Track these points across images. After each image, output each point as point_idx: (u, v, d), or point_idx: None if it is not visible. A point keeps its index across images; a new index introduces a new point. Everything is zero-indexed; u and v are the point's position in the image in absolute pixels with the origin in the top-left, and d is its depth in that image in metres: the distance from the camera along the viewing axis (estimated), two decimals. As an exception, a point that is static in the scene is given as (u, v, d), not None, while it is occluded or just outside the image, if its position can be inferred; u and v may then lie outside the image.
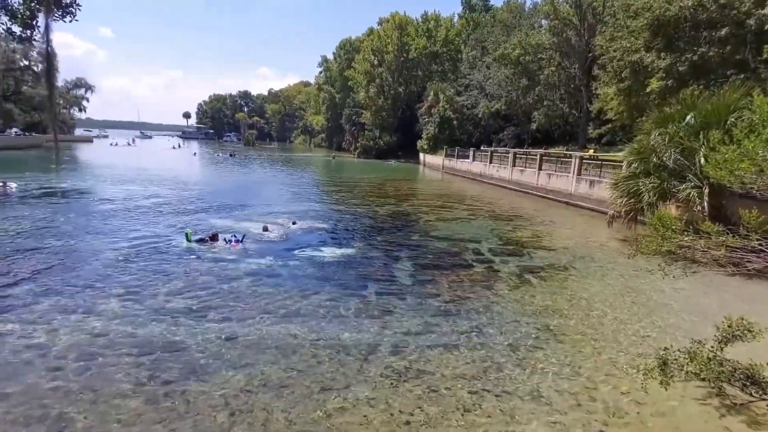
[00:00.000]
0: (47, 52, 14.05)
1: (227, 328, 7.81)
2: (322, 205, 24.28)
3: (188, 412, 5.53)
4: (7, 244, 12.82)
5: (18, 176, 26.99)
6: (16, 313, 8.09)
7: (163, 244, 13.33)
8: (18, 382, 5.97)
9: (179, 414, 5.48)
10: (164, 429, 5.21)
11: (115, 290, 9.44)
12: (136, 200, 21.66)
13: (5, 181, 23.25)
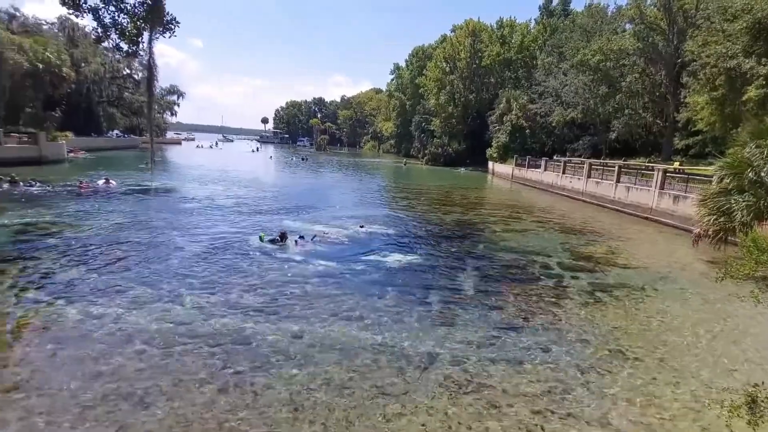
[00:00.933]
0: (149, 64, 15.55)
1: (294, 326, 8.14)
2: (388, 210, 24.52)
3: (255, 403, 5.84)
4: (108, 235, 14.30)
5: (118, 174, 30.03)
6: (112, 299, 8.97)
7: (239, 242, 14.15)
8: (109, 362, 6.62)
9: (247, 404, 5.80)
10: (234, 417, 5.53)
11: (195, 283, 10.18)
12: (217, 199, 23.21)
13: (108, 177, 26.01)
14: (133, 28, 13.52)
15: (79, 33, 58.83)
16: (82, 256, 11.80)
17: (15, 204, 18.34)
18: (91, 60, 60.88)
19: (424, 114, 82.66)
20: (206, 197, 23.82)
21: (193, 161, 53.84)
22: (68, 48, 54.32)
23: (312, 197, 27.34)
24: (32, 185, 22.37)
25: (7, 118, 41.78)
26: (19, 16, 51.96)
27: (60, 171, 31.68)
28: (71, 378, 6.15)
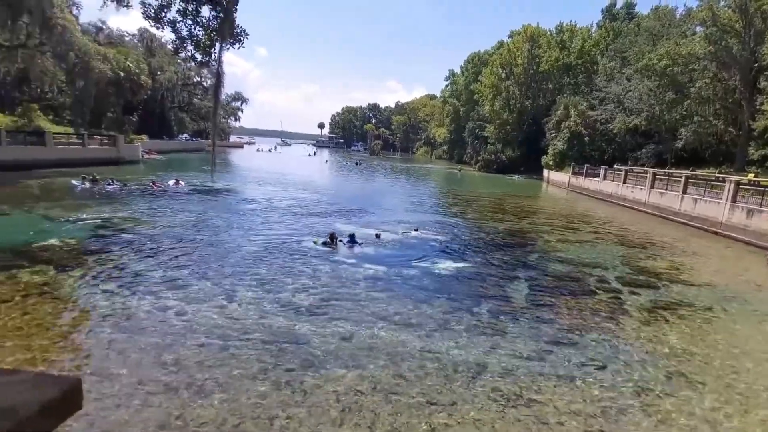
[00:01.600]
0: (217, 72, 16.50)
1: (343, 328, 8.24)
2: (439, 216, 24.33)
3: (305, 401, 5.96)
4: (175, 232, 15.19)
5: (184, 175, 31.88)
6: (176, 293, 9.51)
7: (294, 244, 14.55)
8: (172, 352, 7.00)
9: (297, 402, 5.93)
10: (284, 413, 5.67)
11: (251, 281, 10.57)
12: (274, 201, 24.04)
13: (177, 178, 27.71)
14: (207, 39, 14.35)
15: (156, 44, 63.22)
16: (151, 251, 12.60)
17: (95, 201, 19.93)
18: (166, 68, 65.19)
19: (478, 120, 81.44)
20: (264, 199, 24.73)
21: (253, 164, 56.16)
22: (146, 57, 58.50)
23: (364, 201, 27.65)
24: (110, 184, 24.19)
25: (91, 122, 45.61)
26: (105, 28, 56.71)
27: (135, 171, 34.09)
28: (138, 365, 6.57)
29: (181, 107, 75.02)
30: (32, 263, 10.69)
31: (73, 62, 37.10)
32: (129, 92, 50.16)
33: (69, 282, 9.78)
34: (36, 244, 12.32)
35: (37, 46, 33.78)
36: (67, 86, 41.58)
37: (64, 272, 10.34)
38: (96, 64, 39.14)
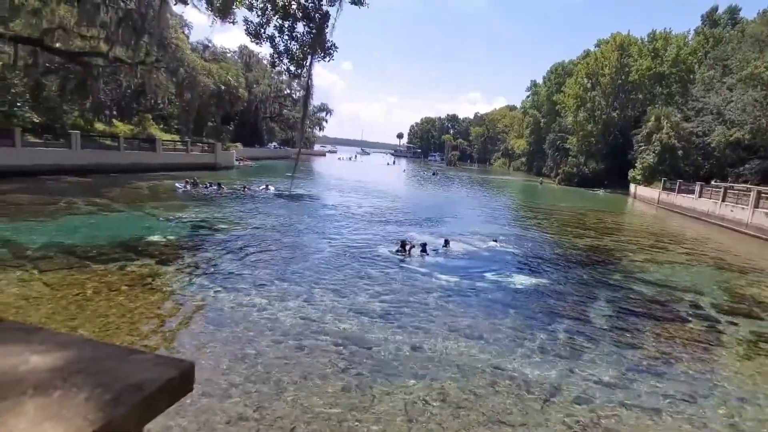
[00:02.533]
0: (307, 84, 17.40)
1: (414, 337, 8.12)
2: (515, 229, 23.39)
3: (373, 407, 5.91)
4: (261, 234, 16.08)
5: (272, 180, 33.80)
6: (259, 291, 9.98)
7: (368, 250, 14.73)
8: (253, 347, 7.31)
9: (365, 407, 5.90)
10: (352, 417, 5.66)
11: (327, 284, 10.83)
12: (352, 208, 24.62)
13: (268, 184, 29.53)
14: (300, 53, 15.12)
15: (253, 59, 68.18)
16: (239, 250, 13.42)
17: (194, 202, 21.76)
18: (260, 82, 69.94)
19: (560, 132, 77.59)
20: (343, 205, 25.43)
21: (334, 172, 58.15)
22: (244, 72, 63.20)
23: (438, 210, 27.37)
24: (207, 187, 26.30)
25: (194, 130, 50.05)
26: (210, 46, 62.19)
27: (229, 176, 36.77)
28: (222, 355, 6.94)
29: (271, 117, 79.96)
30: (138, 257, 11.84)
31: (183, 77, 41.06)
32: (228, 104, 54.44)
33: (168, 275, 10.70)
34: (143, 240, 13.64)
35: (154, 63, 37.80)
36: (176, 98, 46.07)
37: (165, 266, 11.32)
38: (201, 79, 43.00)
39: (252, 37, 15.64)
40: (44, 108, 31.25)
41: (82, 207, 18.29)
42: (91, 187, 23.67)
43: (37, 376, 0.68)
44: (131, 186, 25.61)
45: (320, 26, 14.98)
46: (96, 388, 0.62)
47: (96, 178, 26.67)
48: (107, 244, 12.79)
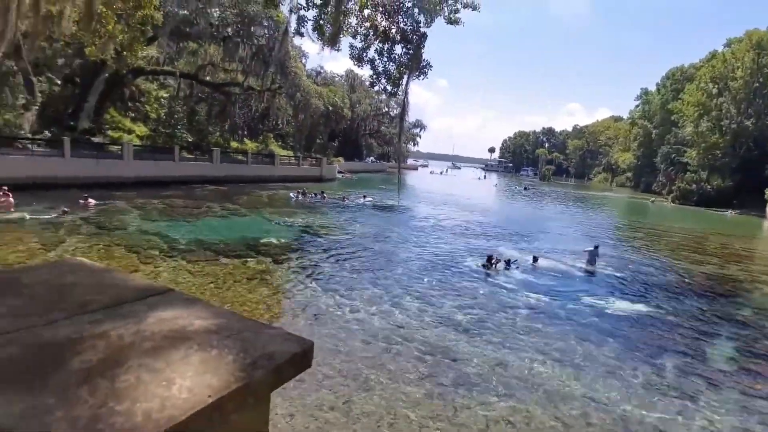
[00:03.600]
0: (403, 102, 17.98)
1: (499, 354, 7.91)
2: (615, 250, 21.20)
3: (454, 418, 5.89)
4: (357, 241, 16.83)
5: (368, 191, 35.11)
6: (353, 294, 10.47)
7: (456, 262, 14.63)
8: (346, 344, 7.72)
9: (446, 417, 5.90)
10: (432, 425, 5.71)
11: (415, 292, 10.99)
12: (443, 220, 24.60)
13: (365, 195, 30.84)
14: (397, 73, 15.74)
15: (357, 81, 71.75)
16: (337, 255, 14.22)
17: (302, 210, 23.49)
18: (362, 102, 73.31)
19: (675, 144, 68.15)
20: (434, 217, 25.53)
21: (426, 185, 58.49)
22: (349, 93, 66.83)
23: (529, 226, 26.11)
24: (313, 197, 28.19)
25: (305, 146, 54.06)
26: (322, 72, 66.97)
27: (332, 187, 38.97)
28: (319, 349, 7.41)
29: (370, 134, 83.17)
30: (257, 255, 13.16)
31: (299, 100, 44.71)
32: (334, 122, 57.97)
33: (279, 272, 11.76)
34: (261, 240, 15.10)
35: (277, 89, 41.82)
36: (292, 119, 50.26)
37: (277, 264, 12.45)
38: (313, 101, 46.43)
39: (355, 61, 16.60)
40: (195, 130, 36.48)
41: (218, 210, 20.83)
42: (225, 194, 26.79)
43: (199, 336, 0.93)
44: (254, 194, 28.42)
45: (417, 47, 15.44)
46: (240, 353, 0.86)
47: (229, 187, 30.14)
48: (234, 242, 14.42)
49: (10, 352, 0.80)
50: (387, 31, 14.35)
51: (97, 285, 1.22)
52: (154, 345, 0.87)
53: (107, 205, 18.53)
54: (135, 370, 0.77)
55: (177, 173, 28.55)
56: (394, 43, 14.92)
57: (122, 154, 26.10)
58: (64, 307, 1.05)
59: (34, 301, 1.07)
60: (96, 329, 0.92)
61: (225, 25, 33.50)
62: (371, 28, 14.35)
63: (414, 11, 13.94)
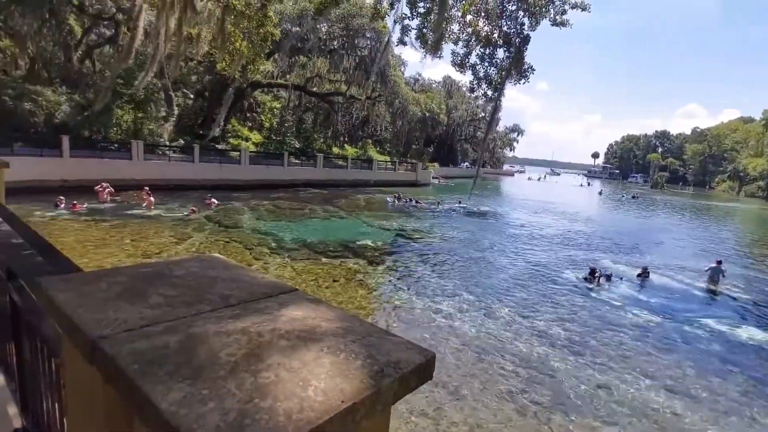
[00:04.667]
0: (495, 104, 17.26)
1: (601, 375, 7.18)
2: (745, 269, 18.11)
3: (550, 438, 5.49)
4: (450, 246, 16.59)
5: (464, 197, 34.45)
6: (445, 299, 10.31)
7: (554, 273, 13.65)
8: (438, 350, 7.55)
9: (541, 436, 5.52)
10: (526, 442, 5.38)
11: (509, 302, 10.48)
12: (540, 228, 23.17)
13: (461, 200, 30.42)
14: (498, 77, 15.21)
15: (454, 87, 71.15)
16: (430, 260, 14.14)
17: (397, 214, 23.85)
18: (459, 107, 72.43)
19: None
20: (530, 225, 24.18)
21: (522, 191, 55.69)
22: (446, 99, 66.52)
23: (638, 238, 23.31)
24: (407, 202, 28.46)
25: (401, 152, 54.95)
26: (420, 79, 67.64)
27: (426, 192, 39.04)
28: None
29: (466, 139, 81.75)
30: (354, 256, 13.64)
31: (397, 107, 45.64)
32: (430, 128, 58.06)
33: (375, 274, 12.03)
34: (357, 242, 15.64)
35: (377, 98, 43.21)
36: (390, 125, 51.45)
37: (372, 266, 12.76)
38: (411, 108, 47.00)
39: (457, 67, 16.37)
40: (302, 137, 39.31)
41: (320, 212, 22.09)
42: (326, 197, 28.35)
43: (328, 338, 0.93)
44: (353, 198, 29.62)
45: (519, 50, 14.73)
46: (367, 358, 0.84)
47: (330, 190, 31.85)
48: (333, 243, 15.14)
49: (166, 340, 0.87)
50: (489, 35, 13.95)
51: (233, 280, 1.30)
52: (289, 344, 0.89)
53: (226, 205, 20.68)
54: (275, 368, 0.79)
55: (285, 177, 30.92)
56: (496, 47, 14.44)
57: (240, 159, 29.01)
58: (209, 299, 1.13)
59: (184, 292, 1.16)
60: (238, 324, 0.97)
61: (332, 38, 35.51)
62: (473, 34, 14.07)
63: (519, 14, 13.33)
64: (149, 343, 0.86)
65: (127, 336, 0.89)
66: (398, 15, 16.23)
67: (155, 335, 0.89)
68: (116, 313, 0.99)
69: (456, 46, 16.18)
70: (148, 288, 1.14)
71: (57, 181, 19.52)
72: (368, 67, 35.49)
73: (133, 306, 1.03)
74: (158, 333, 0.90)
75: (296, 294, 1.24)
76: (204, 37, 18.62)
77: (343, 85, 40.31)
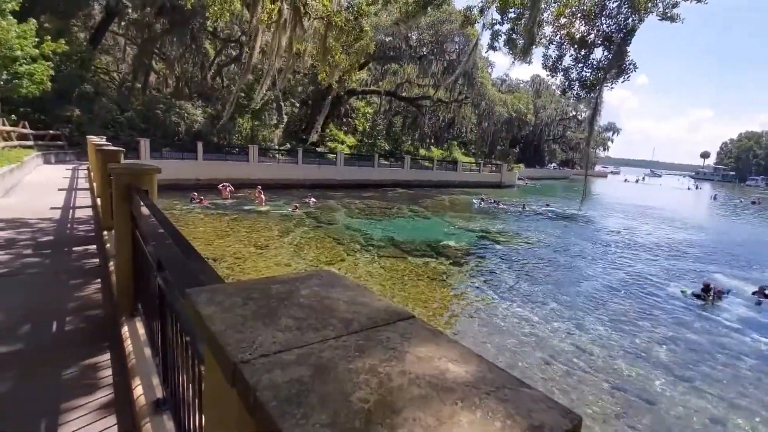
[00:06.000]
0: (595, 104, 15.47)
1: (715, 408, 6.15)
2: None
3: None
4: (536, 251, 15.58)
5: (551, 199, 32.19)
6: (530, 306, 9.68)
7: (655, 287, 12.09)
8: (523, 361, 7.13)
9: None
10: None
11: (602, 315, 9.49)
12: (638, 236, 20.72)
13: (547, 203, 28.59)
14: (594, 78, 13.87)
15: (542, 86, 66.81)
16: (515, 264, 13.41)
17: (481, 215, 23.05)
18: (547, 107, 67.82)
19: None
20: (626, 231, 21.75)
21: (618, 194, 50.31)
22: (534, 99, 62.71)
23: (757, 250, 19.69)
24: (491, 203, 27.38)
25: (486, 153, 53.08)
26: (507, 80, 64.65)
27: (510, 194, 37.21)
28: (494, 360, 7.08)
29: (554, 139, 76.30)
30: (438, 256, 13.45)
31: (483, 109, 44.16)
32: (516, 128, 55.17)
33: (458, 275, 11.74)
34: (441, 242, 15.41)
35: (463, 100, 42.22)
36: (476, 126, 49.97)
37: (456, 267, 12.47)
38: (497, 109, 45.10)
39: (549, 71, 15.28)
40: (391, 139, 40.02)
41: (406, 212, 22.24)
42: (412, 197, 28.49)
43: (460, 387, 0.82)
44: (437, 198, 29.35)
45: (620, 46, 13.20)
46: (507, 419, 0.72)
47: (416, 190, 31.95)
48: (418, 242, 15.11)
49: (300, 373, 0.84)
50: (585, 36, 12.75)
51: (351, 302, 1.26)
52: (421, 392, 0.81)
53: (323, 203, 21.75)
54: (410, 423, 0.71)
55: (375, 177, 31.68)
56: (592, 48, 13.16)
57: (336, 161, 30.35)
58: (333, 323, 1.10)
59: (309, 314, 1.14)
60: (366, 360, 0.92)
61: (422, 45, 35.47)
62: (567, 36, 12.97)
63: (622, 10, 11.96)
64: (284, 375, 0.84)
65: (265, 364, 0.88)
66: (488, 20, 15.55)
67: (289, 365, 0.87)
68: (253, 333, 1.00)
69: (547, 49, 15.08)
70: (278, 307, 1.15)
71: (192, 180, 22.34)
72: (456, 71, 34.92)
73: (267, 328, 1.03)
74: (292, 362, 0.89)
75: (415, 322, 1.17)
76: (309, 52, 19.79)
77: (431, 89, 40.10)
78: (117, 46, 34.87)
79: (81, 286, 3.96)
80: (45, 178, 12.31)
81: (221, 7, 15.12)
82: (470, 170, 41.26)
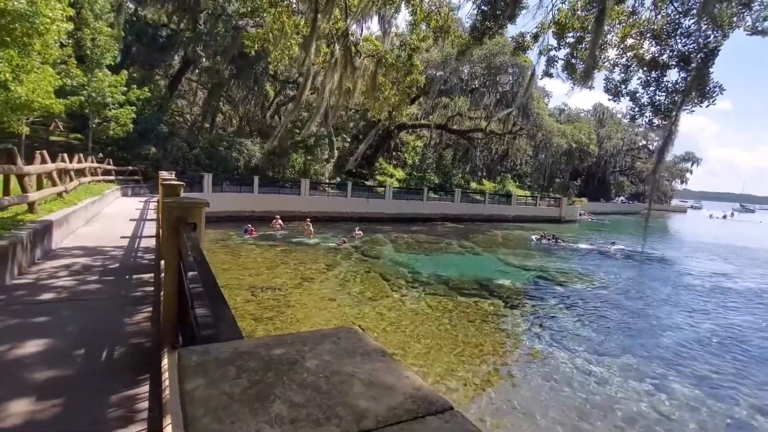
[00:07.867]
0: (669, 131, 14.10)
1: None
2: None
3: None
4: (603, 295, 14.29)
5: (620, 237, 29.96)
6: (599, 359, 8.66)
7: (757, 341, 10.50)
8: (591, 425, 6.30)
9: None
10: None
11: (689, 374, 8.29)
12: (730, 280, 18.38)
13: (615, 241, 26.64)
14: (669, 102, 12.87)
15: (606, 114, 64.20)
16: (578, 308, 12.32)
17: (538, 253, 21.86)
18: (612, 136, 64.74)
19: None
20: (714, 275, 19.43)
21: (701, 231, 45.57)
22: (597, 128, 60.22)
23: None
24: (550, 240, 25.88)
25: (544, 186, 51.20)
26: (565, 109, 62.93)
27: (571, 230, 35.20)
28: (557, 419, 6.31)
29: (621, 171, 72.20)
30: (490, 296, 12.74)
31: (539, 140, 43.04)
32: (577, 160, 52.90)
33: (512, 318, 10.96)
34: (493, 281, 14.66)
35: (518, 131, 41.51)
36: (532, 158, 48.67)
37: (510, 309, 11.69)
38: (556, 140, 43.71)
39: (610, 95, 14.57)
40: (441, 172, 40.03)
41: (456, 247, 21.65)
42: (462, 231, 27.83)
43: None
44: (489, 233, 28.43)
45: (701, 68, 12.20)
46: None
47: (466, 224, 31.25)
48: (469, 280, 14.49)
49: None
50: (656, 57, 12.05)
51: (369, 381, 1.02)
52: None
53: (370, 237, 21.78)
54: None
55: (424, 211, 31.52)
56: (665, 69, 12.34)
57: (384, 194, 30.65)
58: (341, 414, 0.87)
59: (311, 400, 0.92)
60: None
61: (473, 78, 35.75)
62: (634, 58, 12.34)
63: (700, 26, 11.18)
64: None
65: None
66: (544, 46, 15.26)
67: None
68: (233, 426, 0.81)
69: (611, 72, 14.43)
70: (275, 385, 0.96)
71: (248, 211, 23.66)
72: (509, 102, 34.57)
73: (254, 418, 0.84)
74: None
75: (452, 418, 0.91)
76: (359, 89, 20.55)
77: (483, 121, 39.96)
78: (191, 91, 38.92)
79: (134, 314, 4.07)
80: (121, 209, 13.40)
81: (282, 52, 16.32)
82: (525, 204, 39.82)
